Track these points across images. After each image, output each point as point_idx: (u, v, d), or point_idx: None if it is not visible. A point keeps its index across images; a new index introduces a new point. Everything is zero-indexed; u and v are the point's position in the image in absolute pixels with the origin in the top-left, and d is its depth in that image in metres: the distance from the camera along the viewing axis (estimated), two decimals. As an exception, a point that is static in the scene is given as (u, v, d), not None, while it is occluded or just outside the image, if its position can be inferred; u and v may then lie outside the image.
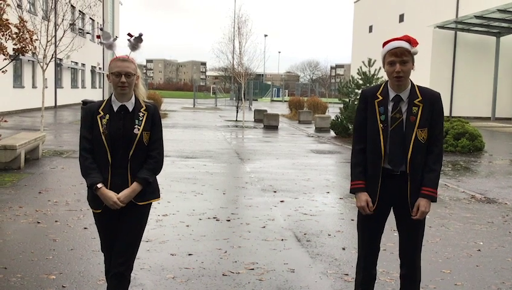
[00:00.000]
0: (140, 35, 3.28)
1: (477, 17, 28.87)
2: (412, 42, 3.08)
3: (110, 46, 3.29)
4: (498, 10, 26.92)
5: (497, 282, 4.52)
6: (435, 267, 4.82)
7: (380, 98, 3.16)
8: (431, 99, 3.13)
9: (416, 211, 3.14)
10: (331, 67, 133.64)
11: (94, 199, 3.20)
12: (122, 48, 3.33)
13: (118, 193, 3.13)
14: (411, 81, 3.18)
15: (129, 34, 3.27)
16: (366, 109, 3.20)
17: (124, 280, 3.22)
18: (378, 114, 3.14)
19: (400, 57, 3.05)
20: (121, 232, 3.22)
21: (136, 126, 3.16)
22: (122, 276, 3.20)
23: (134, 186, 3.15)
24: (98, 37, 3.29)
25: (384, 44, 3.17)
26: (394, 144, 3.12)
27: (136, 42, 3.27)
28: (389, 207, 3.29)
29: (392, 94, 3.15)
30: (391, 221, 3.50)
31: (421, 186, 3.14)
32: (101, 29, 3.32)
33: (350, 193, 3.36)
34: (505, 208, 7.55)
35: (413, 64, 3.11)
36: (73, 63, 34.81)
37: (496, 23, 30.31)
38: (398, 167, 3.15)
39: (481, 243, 5.67)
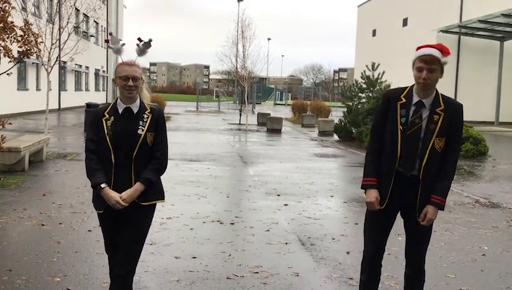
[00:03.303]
0: (150, 40, 3.33)
1: (481, 21, 28.85)
2: (444, 52, 3.09)
3: (118, 51, 3.35)
4: (502, 14, 26.91)
5: (502, 287, 4.51)
6: (439, 271, 4.80)
7: (404, 100, 3.17)
8: (453, 109, 3.14)
9: (423, 218, 3.14)
10: (334, 71, 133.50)
11: (97, 199, 3.26)
12: (128, 53, 3.37)
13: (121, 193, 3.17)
14: (436, 89, 3.18)
15: (139, 39, 3.32)
16: (387, 111, 3.21)
17: (125, 282, 3.24)
18: (400, 116, 3.15)
19: (429, 65, 3.06)
20: (125, 234, 3.25)
21: (140, 127, 3.20)
22: (124, 278, 3.22)
23: (137, 186, 3.19)
24: (107, 41, 3.33)
25: (417, 49, 3.17)
26: (408, 148, 3.13)
27: (144, 48, 3.32)
28: (397, 209, 3.30)
29: (415, 99, 3.16)
30: (395, 225, 3.49)
31: (431, 193, 3.14)
32: (111, 34, 3.38)
33: (361, 188, 3.36)
34: (509, 213, 7.53)
35: (441, 73, 3.12)
36: (77, 66, 34.91)
37: (500, 28, 30.28)
38: (409, 171, 3.16)
39: (486, 248, 5.65)
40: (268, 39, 79.38)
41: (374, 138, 3.29)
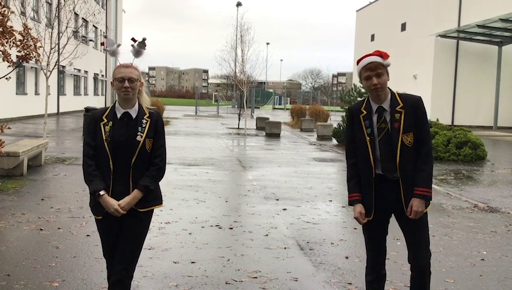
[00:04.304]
0: (144, 39, 3.31)
1: (479, 26, 28.94)
2: (384, 56, 3.24)
3: (114, 53, 3.33)
4: (500, 19, 26.99)
5: (501, 292, 4.50)
6: (438, 276, 4.79)
7: (365, 112, 3.31)
8: (412, 104, 3.26)
9: (410, 211, 3.22)
10: (333, 76, 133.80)
11: (96, 206, 3.23)
12: (125, 55, 3.36)
13: (119, 200, 3.15)
14: (391, 90, 3.32)
15: (133, 39, 3.31)
16: (354, 125, 3.36)
17: (124, 287, 3.23)
18: (365, 128, 3.29)
19: (375, 70, 3.21)
20: (122, 239, 3.23)
21: (139, 133, 3.18)
22: (122, 283, 3.21)
23: (135, 193, 3.17)
24: (103, 44, 3.32)
25: (358, 61, 3.31)
26: (385, 152, 3.26)
27: (139, 47, 3.31)
28: (388, 213, 3.38)
29: (374, 107, 3.29)
30: (393, 230, 3.50)
31: (413, 187, 3.23)
32: (105, 36, 3.37)
33: (348, 205, 3.46)
34: (508, 217, 7.53)
35: (388, 75, 3.26)
36: (76, 70, 34.92)
37: (498, 33, 30.39)
38: (392, 173, 3.26)
39: (484, 253, 5.65)
40: (267, 44, 79.62)
41: (349, 154, 3.43)
